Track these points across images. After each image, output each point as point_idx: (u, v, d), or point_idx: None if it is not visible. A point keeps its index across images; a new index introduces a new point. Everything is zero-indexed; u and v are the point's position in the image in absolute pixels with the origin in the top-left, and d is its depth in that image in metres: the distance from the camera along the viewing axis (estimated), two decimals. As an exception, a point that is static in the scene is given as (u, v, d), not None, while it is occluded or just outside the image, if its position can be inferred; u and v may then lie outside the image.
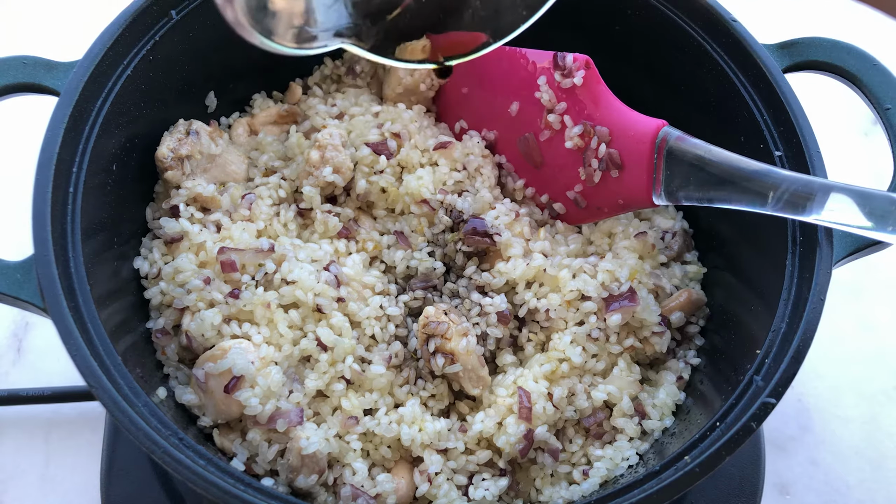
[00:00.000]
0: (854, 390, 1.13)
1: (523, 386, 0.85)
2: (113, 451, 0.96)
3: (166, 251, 0.91)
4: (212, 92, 1.01)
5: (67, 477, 1.05)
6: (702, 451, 0.72)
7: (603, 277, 0.89)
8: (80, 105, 0.82)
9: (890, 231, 0.70)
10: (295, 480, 0.81)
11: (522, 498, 0.86)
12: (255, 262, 0.88)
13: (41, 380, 1.09)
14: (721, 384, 0.84)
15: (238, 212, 0.94)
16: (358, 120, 1.00)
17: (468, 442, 0.85)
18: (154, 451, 0.68)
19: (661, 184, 0.85)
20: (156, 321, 0.89)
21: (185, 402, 0.85)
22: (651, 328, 0.89)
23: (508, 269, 0.90)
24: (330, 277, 0.88)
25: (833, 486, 1.07)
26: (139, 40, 0.87)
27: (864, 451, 1.09)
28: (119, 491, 0.94)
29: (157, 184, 0.96)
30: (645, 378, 0.92)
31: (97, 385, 0.71)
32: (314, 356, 0.85)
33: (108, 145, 0.85)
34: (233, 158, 0.98)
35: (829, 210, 0.72)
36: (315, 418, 0.85)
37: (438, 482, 0.83)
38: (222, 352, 0.83)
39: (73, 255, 0.77)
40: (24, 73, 0.84)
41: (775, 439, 1.08)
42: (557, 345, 0.87)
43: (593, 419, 0.87)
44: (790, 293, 0.79)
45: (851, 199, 0.71)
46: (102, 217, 0.84)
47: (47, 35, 1.39)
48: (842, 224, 0.72)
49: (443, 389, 0.88)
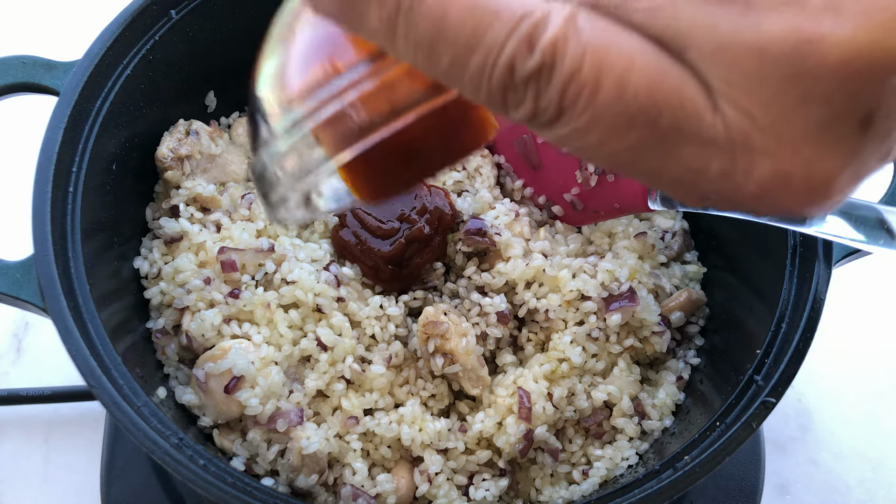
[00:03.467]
0: (854, 390, 1.13)
1: (523, 386, 0.85)
2: (113, 451, 0.96)
3: (166, 251, 0.91)
4: (212, 92, 1.01)
5: (67, 477, 1.05)
6: (702, 451, 0.72)
7: (603, 277, 0.89)
8: (80, 105, 0.82)
9: (882, 245, 0.70)
10: (295, 480, 0.81)
11: (522, 498, 0.86)
12: (255, 262, 0.88)
13: (41, 380, 1.09)
14: (721, 384, 0.84)
15: (238, 212, 0.94)
16: (358, 120, 1.00)
17: (468, 442, 0.85)
18: (154, 451, 0.68)
19: (657, 190, 0.85)
20: (156, 321, 0.89)
21: (185, 402, 0.85)
22: (651, 328, 0.89)
23: (508, 270, 0.90)
24: (330, 277, 0.88)
25: (833, 486, 1.07)
26: (139, 40, 0.87)
27: (864, 451, 1.09)
28: (119, 491, 0.94)
29: (157, 184, 0.96)
30: (645, 378, 0.92)
31: (97, 385, 0.71)
32: (314, 356, 0.85)
33: (108, 145, 0.85)
34: (233, 158, 0.99)
35: (829, 223, 0.72)
36: (315, 418, 0.85)
37: (438, 482, 0.83)
38: (222, 352, 0.83)
39: (73, 254, 0.77)
40: (24, 73, 0.84)
41: (775, 439, 1.08)
42: (557, 345, 0.87)
43: (593, 419, 0.87)
44: (790, 293, 0.79)
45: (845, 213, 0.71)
46: (102, 217, 0.84)
47: (47, 35, 1.39)
48: (840, 237, 0.72)
49: (443, 389, 0.88)
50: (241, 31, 0.97)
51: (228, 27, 0.96)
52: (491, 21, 0.34)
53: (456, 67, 0.36)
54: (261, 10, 0.96)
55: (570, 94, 0.34)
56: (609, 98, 0.33)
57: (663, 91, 0.33)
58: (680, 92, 0.33)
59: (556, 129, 0.35)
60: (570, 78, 0.33)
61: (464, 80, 0.36)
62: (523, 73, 0.34)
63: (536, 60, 0.33)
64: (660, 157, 0.35)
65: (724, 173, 0.34)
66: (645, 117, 0.33)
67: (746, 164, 0.34)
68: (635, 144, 0.34)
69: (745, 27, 0.32)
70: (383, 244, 0.89)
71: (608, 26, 0.34)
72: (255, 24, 0.97)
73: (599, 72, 0.33)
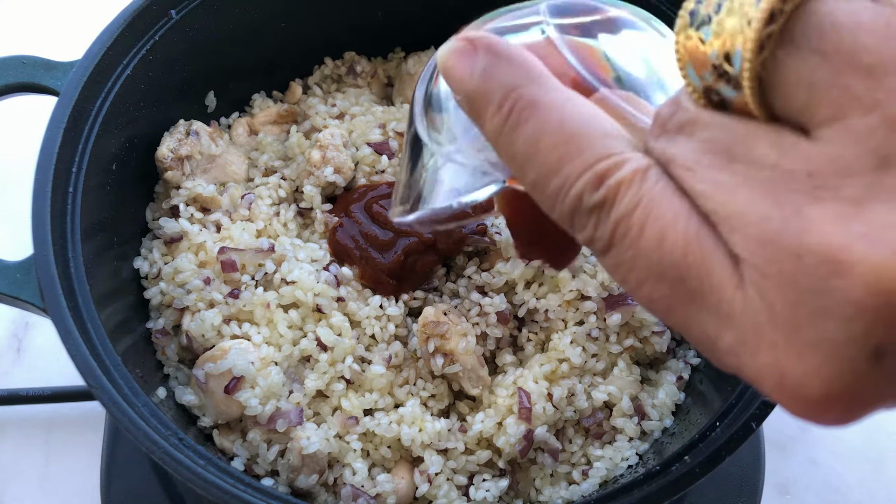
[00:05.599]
0: (854, 390, 1.13)
1: (523, 386, 0.85)
2: (113, 451, 0.96)
3: (166, 251, 0.91)
4: (212, 92, 1.01)
5: (67, 477, 1.05)
6: (702, 451, 0.72)
7: (603, 277, 0.89)
8: (80, 105, 0.82)
9: None
10: (295, 480, 0.81)
11: (522, 498, 0.86)
12: (255, 262, 0.88)
13: (41, 380, 1.09)
14: (721, 384, 0.84)
15: (238, 212, 0.94)
16: (359, 120, 1.00)
17: (468, 442, 0.85)
18: (154, 452, 0.68)
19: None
20: (156, 321, 0.89)
21: (185, 402, 0.85)
22: (651, 328, 0.89)
23: (508, 269, 0.90)
24: (330, 277, 0.88)
25: (833, 486, 1.07)
26: (139, 40, 0.87)
27: (864, 451, 1.09)
28: (119, 491, 0.94)
29: (158, 184, 0.96)
30: (645, 378, 0.92)
31: (97, 385, 0.71)
32: (314, 356, 0.85)
33: (108, 145, 0.85)
34: (233, 159, 0.98)
35: None
36: (315, 418, 0.85)
37: (438, 482, 0.83)
38: (222, 352, 0.83)
39: (73, 255, 0.77)
40: (24, 73, 0.84)
41: (775, 439, 1.08)
42: (557, 345, 0.87)
43: (593, 419, 0.87)
44: (790, 293, 0.79)
45: None
46: (102, 217, 0.84)
47: (47, 35, 1.38)
48: None
49: (443, 389, 0.88)
50: (241, 31, 0.97)
51: (228, 27, 0.96)
52: (573, 157, 0.41)
53: (539, 185, 0.42)
54: (261, 10, 0.98)
55: (619, 230, 0.39)
56: (650, 245, 0.38)
57: (695, 254, 0.37)
58: (709, 260, 0.36)
59: (607, 257, 0.41)
60: (622, 216, 0.39)
61: (543, 196, 0.43)
62: (588, 203, 0.40)
63: (601, 195, 0.39)
64: (685, 314, 0.38)
65: (733, 349, 0.37)
66: (675, 273, 0.37)
67: (753, 348, 0.36)
68: (666, 295, 0.38)
69: (794, 229, 0.34)
70: (381, 256, 0.89)
71: (669, 186, 0.38)
72: (255, 24, 0.98)
73: (646, 219, 0.38)
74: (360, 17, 1.04)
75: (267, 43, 1.01)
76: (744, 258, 0.35)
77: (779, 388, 0.35)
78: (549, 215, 0.43)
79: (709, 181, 0.37)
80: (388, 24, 1.06)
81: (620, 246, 0.39)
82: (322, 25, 1.03)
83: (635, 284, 0.40)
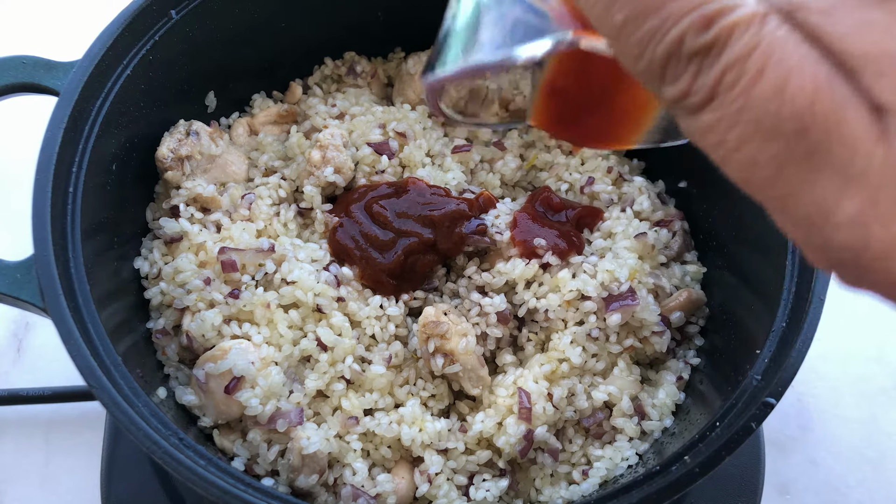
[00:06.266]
0: (854, 390, 1.13)
1: (523, 386, 0.85)
2: (113, 451, 0.96)
3: (166, 251, 0.91)
4: (212, 92, 1.01)
5: (67, 477, 1.05)
6: (702, 451, 0.72)
7: (603, 277, 0.89)
8: (80, 105, 0.82)
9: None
10: (295, 480, 0.81)
11: (522, 498, 0.86)
12: (255, 262, 0.88)
13: (41, 380, 1.09)
14: (721, 384, 0.84)
15: (238, 212, 0.94)
16: (359, 120, 1.00)
17: (468, 442, 0.85)
18: (154, 451, 0.68)
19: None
20: (156, 321, 0.89)
21: (185, 402, 0.85)
22: (651, 328, 0.89)
23: (508, 269, 0.90)
24: (330, 277, 0.88)
25: (833, 486, 1.07)
26: (139, 40, 0.87)
27: (864, 451, 1.09)
28: (119, 491, 0.94)
29: (158, 184, 0.96)
30: (645, 378, 0.92)
31: (97, 385, 0.71)
32: (314, 356, 0.85)
33: (108, 145, 0.85)
34: (233, 159, 0.98)
35: None
36: (315, 418, 0.85)
37: (438, 482, 0.83)
38: (222, 352, 0.83)
39: (73, 255, 0.77)
40: (24, 73, 0.84)
41: (775, 439, 1.08)
42: (557, 345, 0.87)
43: (593, 419, 0.87)
44: (790, 293, 0.79)
45: None
46: (102, 217, 0.84)
47: (47, 35, 1.39)
48: None
49: (443, 389, 0.88)
50: (241, 31, 0.97)
51: (228, 27, 0.96)
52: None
53: (628, 26, 0.35)
54: (261, 10, 0.98)
55: (728, 77, 0.33)
56: (766, 92, 0.32)
57: (824, 103, 0.31)
58: (842, 111, 0.31)
59: (701, 115, 0.34)
60: (735, 61, 0.33)
61: (630, 40, 0.36)
62: (692, 47, 0.34)
63: (710, 37, 0.33)
64: (796, 179, 0.33)
65: (857, 218, 0.31)
66: (795, 125, 0.32)
67: (888, 214, 0.30)
68: (775, 155, 0.33)
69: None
70: (381, 256, 0.90)
71: (794, 32, 0.33)
72: (255, 24, 0.98)
73: (766, 63, 0.32)
74: (360, 17, 1.04)
75: (267, 43, 1.01)
76: (891, 107, 0.30)
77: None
78: (628, 69, 0.37)
79: (853, 22, 0.32)
80: (388, 24, 1.06)
81: (726, 96, 0.33)
82: (322, 25, 1.03)
83: (735, 145, 0.34)
